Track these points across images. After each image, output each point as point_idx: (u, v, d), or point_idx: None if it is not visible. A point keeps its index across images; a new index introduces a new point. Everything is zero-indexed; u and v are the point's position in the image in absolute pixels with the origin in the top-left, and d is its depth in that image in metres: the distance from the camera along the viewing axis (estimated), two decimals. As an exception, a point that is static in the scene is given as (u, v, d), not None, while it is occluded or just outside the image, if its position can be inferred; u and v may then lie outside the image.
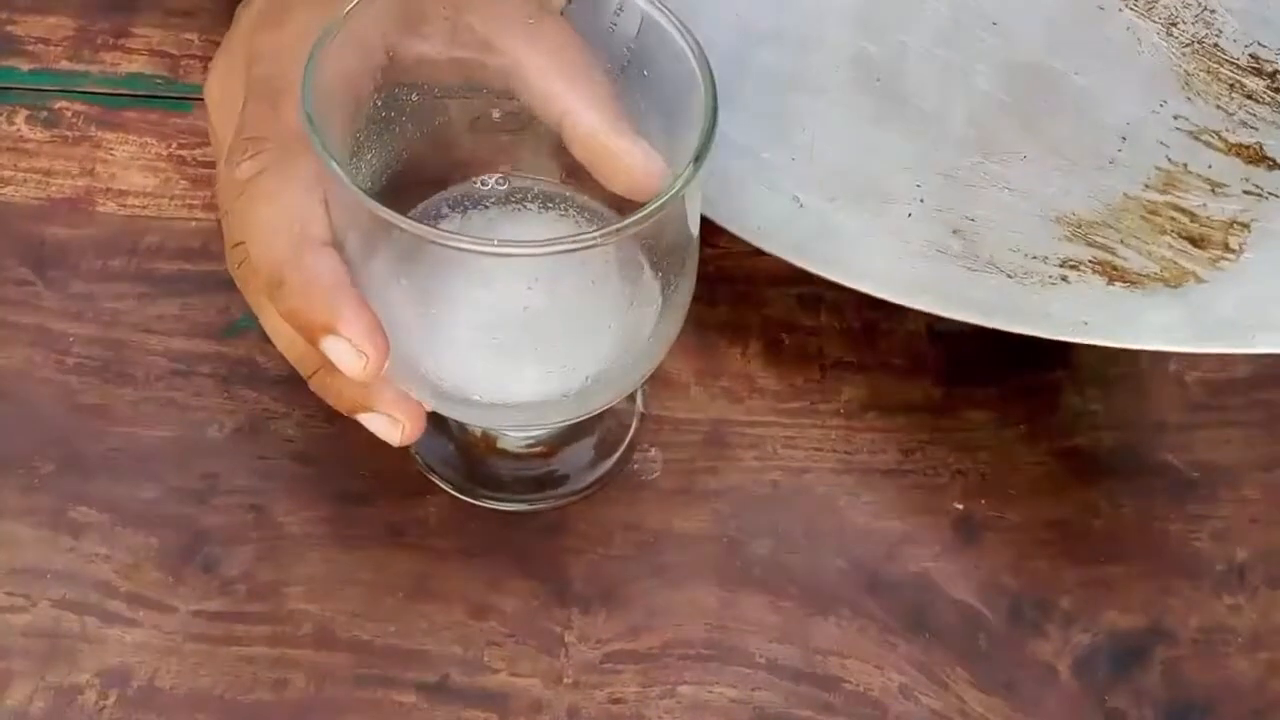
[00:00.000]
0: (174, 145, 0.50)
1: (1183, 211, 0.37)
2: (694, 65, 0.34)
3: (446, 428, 0.44)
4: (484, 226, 0.40)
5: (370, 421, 0.36)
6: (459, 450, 0.44)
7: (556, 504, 0.43)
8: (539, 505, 0.43)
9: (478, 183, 0.40)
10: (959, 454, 0.45)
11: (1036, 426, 0.45)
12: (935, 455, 0.44)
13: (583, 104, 0.36)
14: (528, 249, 0.33)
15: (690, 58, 0.34)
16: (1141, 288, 0.38)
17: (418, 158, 0.39)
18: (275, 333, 0.37)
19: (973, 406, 0.45)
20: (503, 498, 0.43)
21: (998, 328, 0.40)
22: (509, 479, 0.44)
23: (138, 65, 0.53)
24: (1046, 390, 0.46)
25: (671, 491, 0.43)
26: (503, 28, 0.37)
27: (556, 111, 0.36)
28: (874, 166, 0.40)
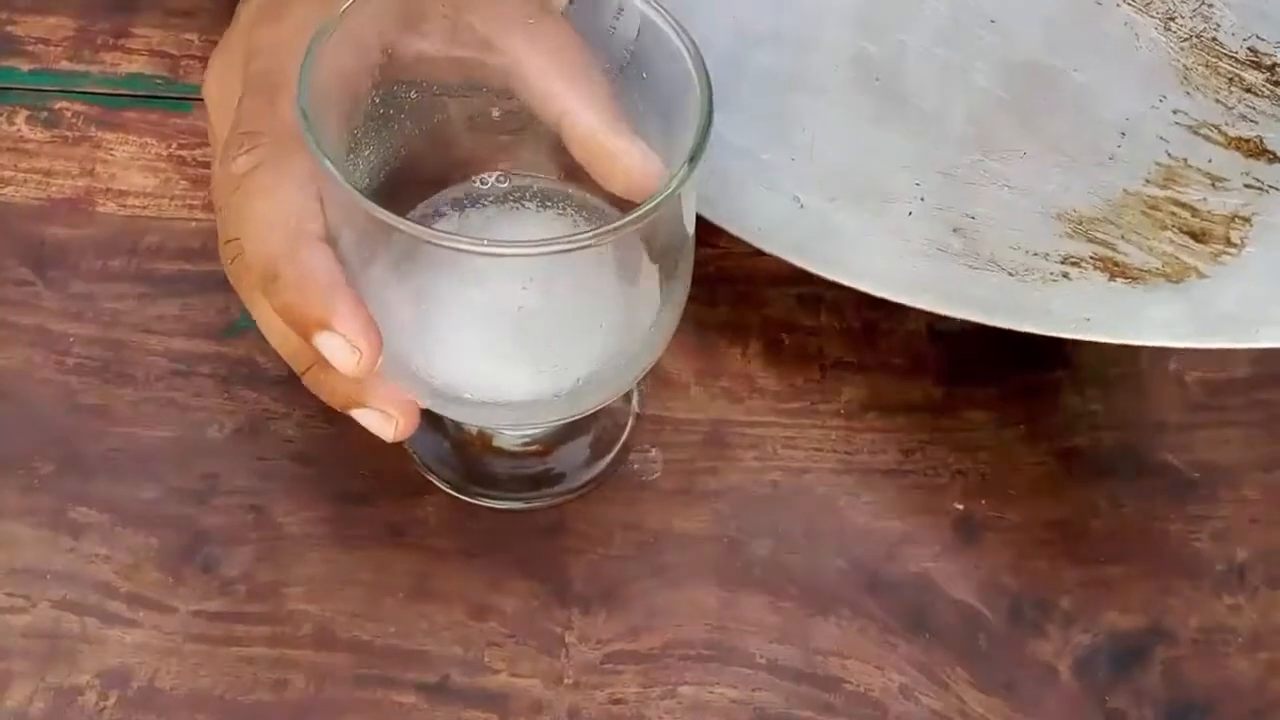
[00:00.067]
0: (174, 145, 0.50)
1: (1183, 206, 0.37)
2: (689, 65, 0.34)
3: (443, 426, 0.44)
4: (482, 225, 0.40)
5: (364, 417, 0.36)
6: (455, 448, 0.44)
7: (552, 502, 0.43)
8: (535, 504, 0.43)
9: (477, 181, 0.40)
10: (959, 454, 0.45)
11: (1036, 426, 0.45)
12: (935, 455, 0.44)
13: (582, 104, 0.36)
14: (520, 249, 0.33)
15: (686, 57, 0.34)
16: (1143, 283, 0.38)
17: (416, 155, 0.39)
18: (268, 328, 0.37)
19: (973, 406, 0.45)
20: (499, 496, 0.43)
21: (999, 325, 0.40)
22: (505, 477, 0.44)
23: (138, 65, 0.53)
24: (1046, 390, 0.46)
25: (671, 492, 0.43)
26: (503, 27, 0.37)
27: (556, 111, 0.36)
28: (874, 166, 0.40)
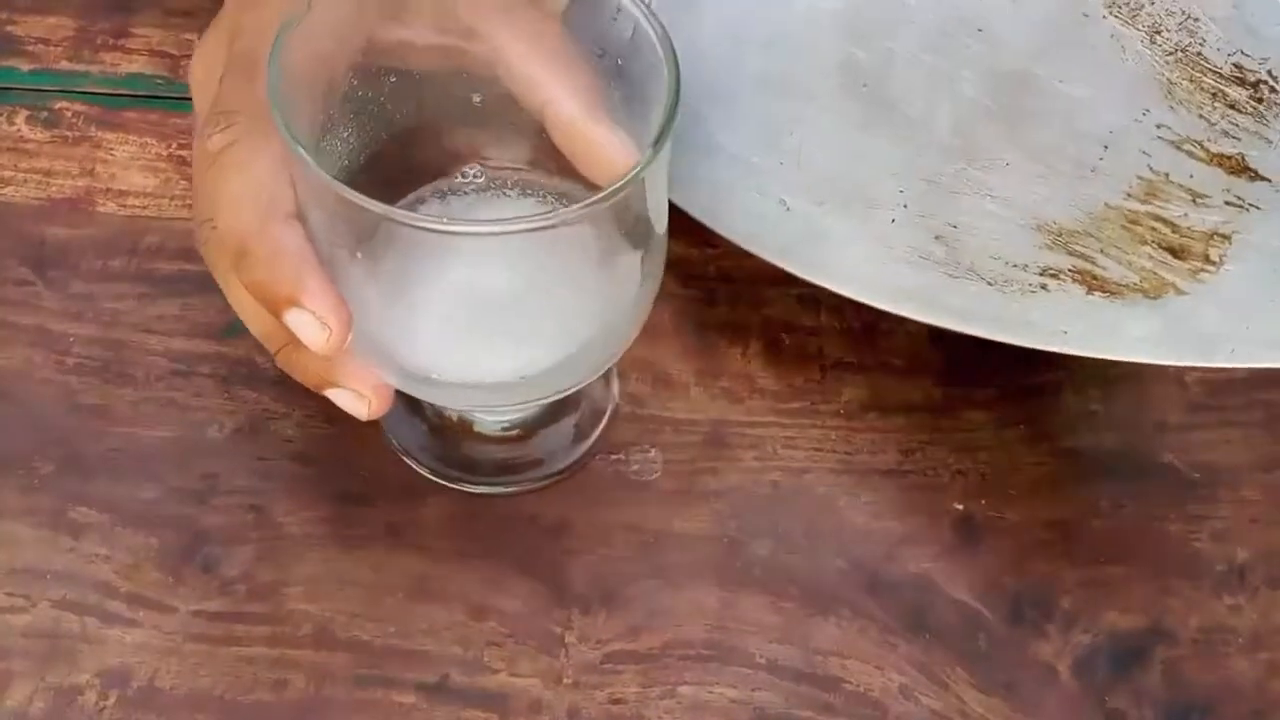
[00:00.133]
0: (174, 145, 0.50)
1: (1164, 222, 0.37)
2: (659, 50, 0.34)
3: (422, 411, 0.45)
4: (464, 211, 0.40)
5: (336, 397, 0.37)
6: (434, 434, 0.44)
7: (532, 487, 0.43)
8: (515, 489, 0.43)
9: (458, 176, 0.40)
10: (959, 454, 0.45)
11: (1036, 427, 0.45)
12: (935, 455, 0.44)
13: (564, 92, 0.36)
14: (481, 228, 0.33)
15: (655, 42, 0.35)
16: (1121, 298, 0.38)
17: (397, 139, 0.39)
18: (241, 307, 0.37)
19: (973, 407, 0.45)
20: (478, 481, 0.43)
21: (977, 335, 0.40)
22: (485, 463, 0.44)
23: (138, 65, 0.53)
24: (1046, 390, 0.46)
25: (671, 492, 0.43)
26: (486, 15, 0.37)
27: (538, 99, 0.37)
28: (861, 172, 0.40)
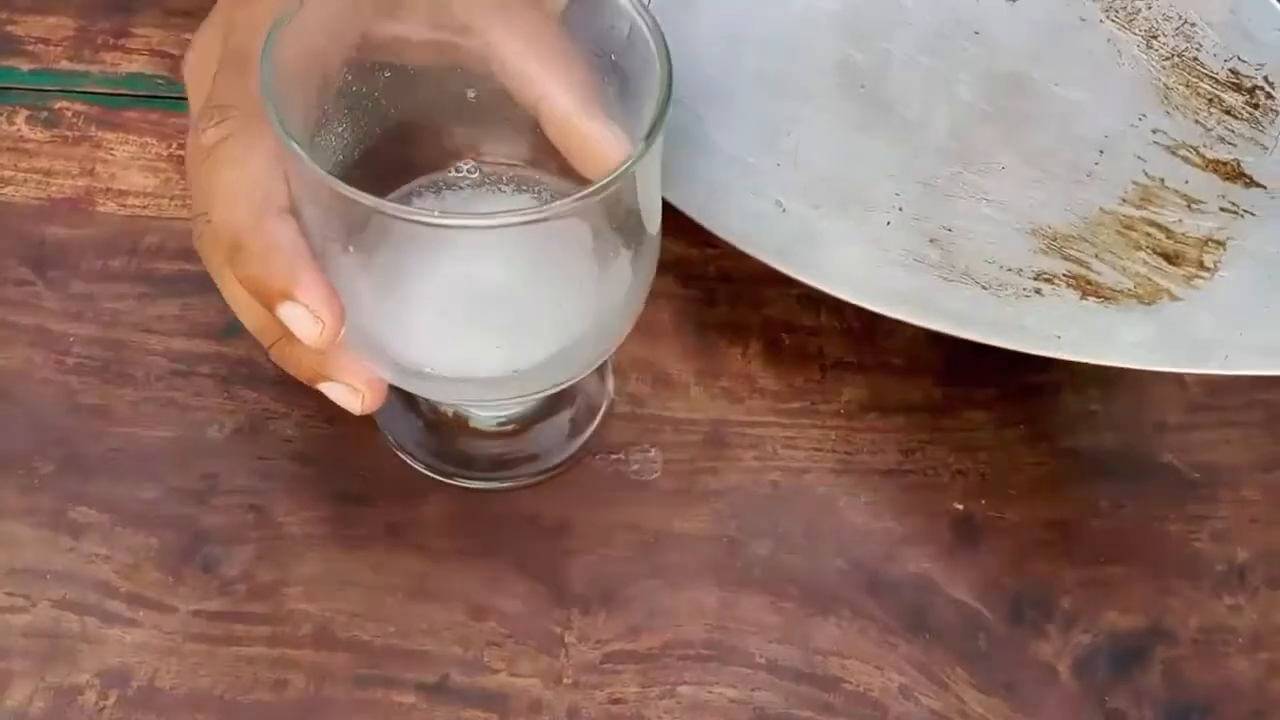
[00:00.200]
0: (174, 145, 0.50)
1: (1158, 227, 0.37)
2: (651, 45, 0.34)
3: (417, 407, 0.45)
4: (459, 206, 0.40)
5: (330, 391, 0.37)
6: (429, 429, 0.45)
7: (528, 482, 0.43)
8: (510, 484, 0.43)
9: (451, 170, 0.40)
10: (959, 454, 0.45)
11: (1036, 427, 0.45)
12: (935, 455, 0.44)
13: (559, 88, 0.36)
14: (472, 222, 0.33)
15: (648, 38, 0.35)
16: (1115, 303, 0.38)
17: (391, 134, 0.39)
18: (236, 302, 0.37)
19: (973, 407, 0.45)
20: (474, 476, 0.43)
21: (972, 339, 0.40)
22: (480, 458, 0.44)
23: (138, 65, 0.53)
24: (1046, 390, 0.46)
25: (671, 492, 0.43)
26: (481, 11, 0.37)
27: (533, 95, 0.37)
28: (857, 173, 0.40)
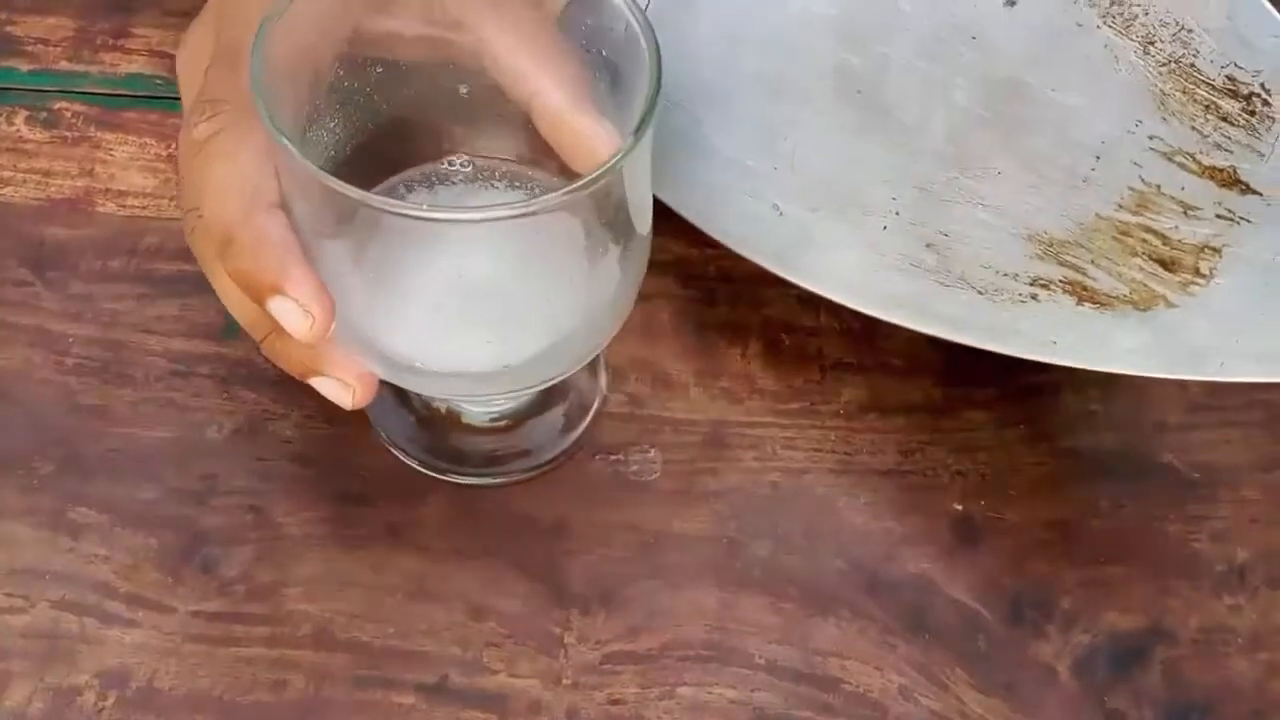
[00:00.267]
0: (173, 146, 0.50)
1: (1154, 234, 0.37)
2: (641, 40, 0.34)
3: (410, 403, 0.45)
4: (450, 201, 0.40)
5: (321, 385, 0.37)
6: (422, 425, 0.45)
7: (520, 478, 0.43)
8: (502, 479, 0.43)
9: (444, 163, 0.40)
10: (959, 455, 0.44)
11: (1036, 427, 0.45)
12: (935, 456, 0.44)
13: (551, 84, 0.36)
14: (460, 215, 0.33)
15: (638, 32, 0.34)
16: (1111, 309, 0.38)
17: (383, 130, 0.39)
18: (227, 297, 0.37)
19: (972, 407, 0.45)
20: (466, 472, 0.43)
21: (968, 344, 0.40)
22: (472, 453, 0.44)
23: (137, 65, 0.53)
24: (1046, 390, 0.46)
25: (671, 492, 0.43)
26: (474, 7, 0.37)
27: (526, 91, 0.37)
28: (855, 177, 0.40)
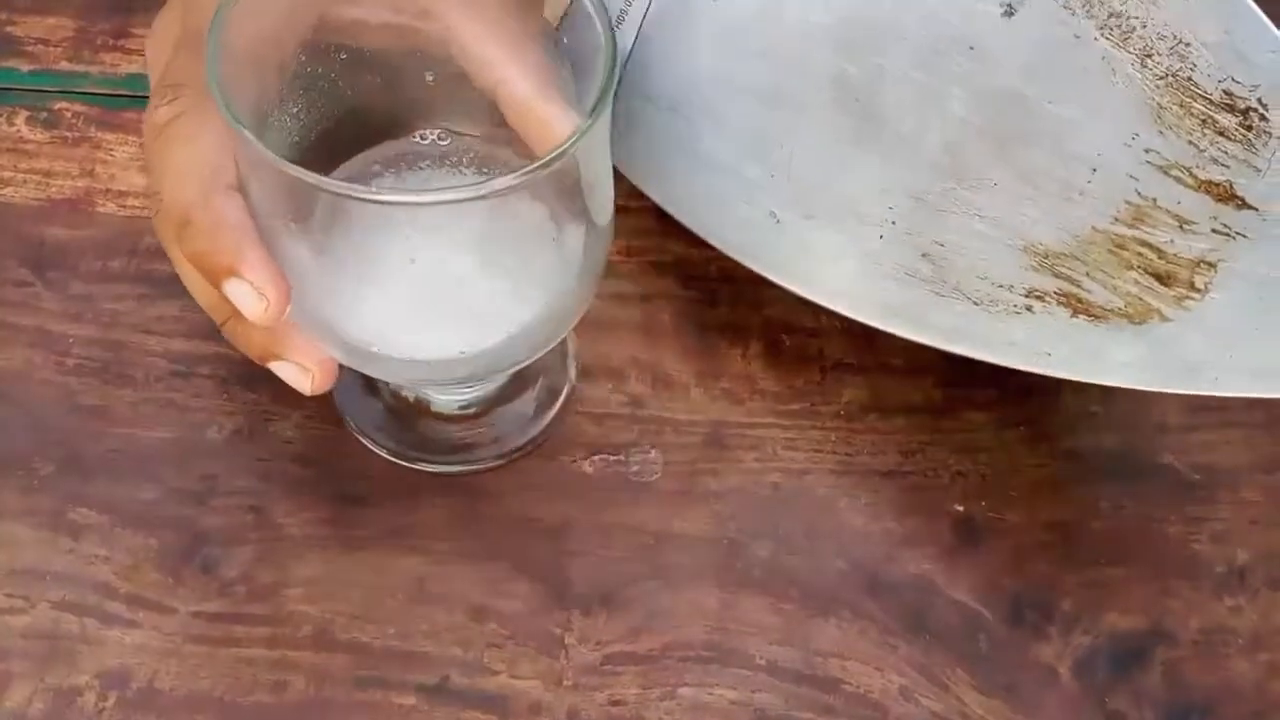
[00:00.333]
0: (174, 146, 0.50)
1: (1150, 247, 0.37)
2: (597, 25, 0.34)
3: (379, 392, 0.45)
4: (416, 186, 0.40)
5: (281, 370, 0.37)
6: (391, 414, 0.45)
7: (490, 465, 0.44)
8: (472, 467, 0.44)
9: (416, 137, 0.40)
10: (959, 455, 0.45)
11: (1037, 428, 0.45)
12: (935, 457, 0.44)
13: (518, 72, 0.36)
14: (411, 198, 0.34)
15: (594, 18, 0.35)
16: (1105, 322, 0.38)
17: (350, 116, 0.39)
18: (188, 279, 0.38)
19: (973, 408, 0.45)
20: (436, 460, 0.44)
21: (962, 354, 0.40)
22: (442, 442, 0.44)
23: (137, 66, 0.52)
24: (1047, 391, 0.46)
25: (671, 493, 0.43)
26: None
27: (493, 79, 0.37)
28: (851, 187, 0.40)
